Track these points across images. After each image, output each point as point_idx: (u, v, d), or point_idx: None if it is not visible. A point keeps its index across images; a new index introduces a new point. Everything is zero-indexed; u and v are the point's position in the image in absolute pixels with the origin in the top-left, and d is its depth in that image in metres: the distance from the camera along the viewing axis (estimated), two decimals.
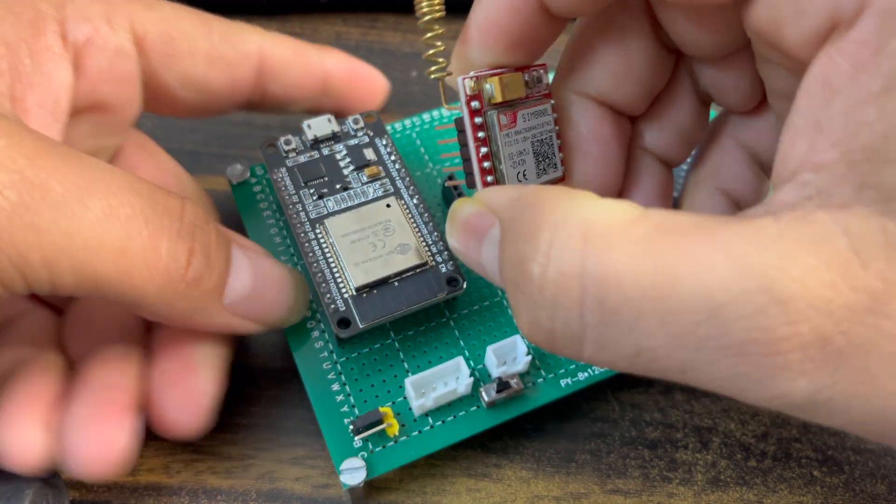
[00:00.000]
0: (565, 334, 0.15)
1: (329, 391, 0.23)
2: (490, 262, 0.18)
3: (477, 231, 0.18)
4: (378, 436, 0.22)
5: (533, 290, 0.15)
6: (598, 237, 0.14)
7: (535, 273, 0.15)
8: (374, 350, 0.24)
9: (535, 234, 0.15)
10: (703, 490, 0.24)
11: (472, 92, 0.19)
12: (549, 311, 0.15)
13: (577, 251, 0.14)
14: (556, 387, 0.23)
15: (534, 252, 0.15)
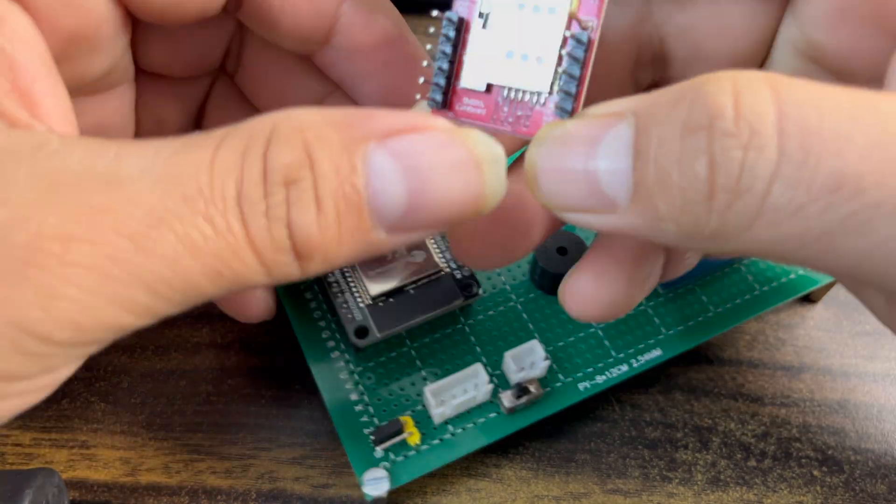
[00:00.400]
0: (757, 166, 0.13)
1: (347, 401, 0.23)
2: (613, 159, 0.14)
3: (590, 137, 0.15)
4: (399, 445, 0.22)
5: (725, 119, 0.13)
6: (786, 83, 0.13)
7: (726, 102, 0.13)
8: (391, 358, 0.24)
9: (712, 80, 0.13)
10: (703, 490, 0.24)
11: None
12: (744, 138, 0.12)
13: (765, 86, 0.13)
14: (575, 390, 0.24)
15: (717, 89, 0.13)
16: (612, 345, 0.24)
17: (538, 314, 0.25)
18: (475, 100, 0.17)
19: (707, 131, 0.13)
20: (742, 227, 0.13)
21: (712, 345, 0.27)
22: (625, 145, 0.14)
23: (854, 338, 0.27)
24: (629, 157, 0.14)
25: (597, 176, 0.14)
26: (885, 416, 0.25)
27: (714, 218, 0.13)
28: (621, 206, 0.14)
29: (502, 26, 0.17)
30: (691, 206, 0.13)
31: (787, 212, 0.12)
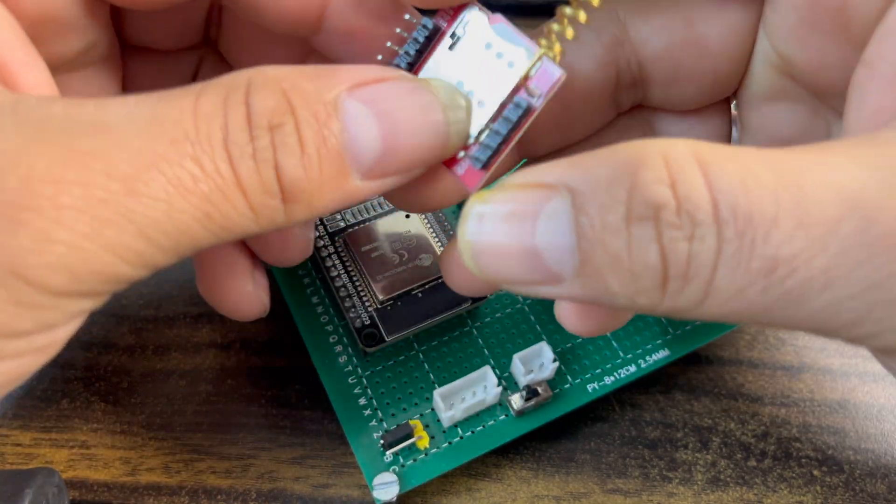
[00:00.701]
0: (700, 256, 0.13)
1: (356, 405, 0.23)
2: (554, 236, 0.15)
3: (526, 213, 0.15)
4: (408, 449, 0.22)
5: (669, 213, 0.13)
6: (712, 158, 0.13)
7: (663, 195, 0.13)
8: (399, 362, 0.24)
9: (644, 164, 0.14)
10: (703, 490, 0.24)
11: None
12: (687, 230, 0.13)
13: (697, 169, 0.13)
14: (584, 392, 0.24)
15: (654, 178, 0.13)
16: (619, 346, 0.24)
17: (546, 316, 0.25)
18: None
19: (654, 222, 0.13)
20: (692, 306, 0.14)
21: (712, 345, 0.27)
22: (565, 223, 0.14)
23: None
24: (571, 234, 0.14)
25: (538, 252, 0.15)
26: (885, 416, 0.25)
27: (667, 300, 0.14)
28: (567, 278, 0.15)
29: (465, 56, 0.17)
30: (645, 289, 0.14)
31: (730, 293, 0.13)
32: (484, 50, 0.17)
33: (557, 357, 0.24)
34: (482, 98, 0.17)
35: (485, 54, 0.17)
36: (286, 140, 0.14)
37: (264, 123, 0.14)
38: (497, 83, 0.17)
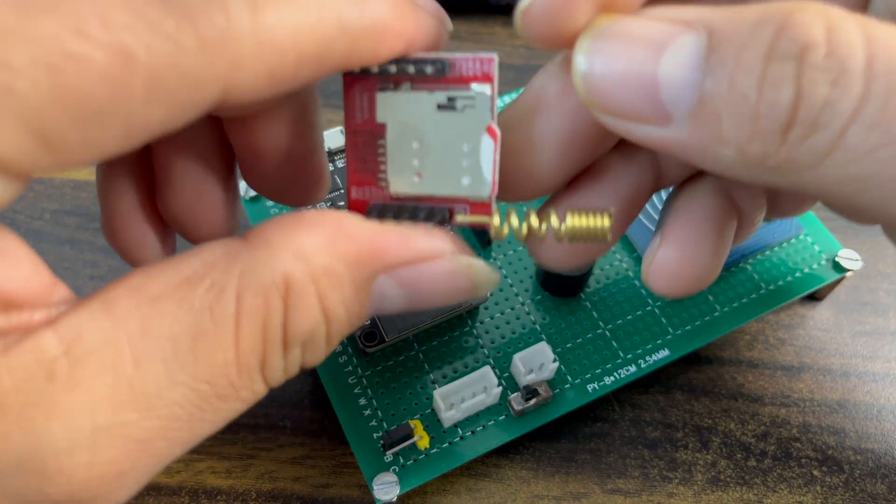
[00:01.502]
0: (840, 103, 0.12)
1: (356, 406, 0.23)
2: (678, 69, 0.13)
3: (654, 41, 0.14)
4: (409, 449, 0.22)
5: (817, 54, 0.12)
6: (876, 26, 0.13)
7: (817, 36, 0.12)
8: (399, 362, 0.24)
9: (801, 10, 0.13)
10: (703, 490, 0.24)
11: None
12: (833, 74, 0.12)
13: (859, 29, 0.12)
14: (584, 392, 0.24)
15: (809, 20, 0.12)
16: (619, 346, 0.24)
17: (546, 316, 0.25)
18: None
19: (797, 61, 0.12)
20: (811, 162, 0.13)
21: (712, 345, 0.27)
22: (694, 57, 0.13)
23: (854, 338, 0.27)
24: (698, 69, 0.13)
25: (657, 82, 0.13)
26: (885, 416, 0.25)
27: (785, 149, 0.13)
28: (677, 119, 0.14)
29: (443, 123, 0.16)
30: (764, 132, 0.13)
31: (860, 152, 0.12)
32: (460, 134, 0.16)
33: (557, 357, 0.24)
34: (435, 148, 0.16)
35: (458, 139, 0.16)
36: (315, 345, 0.15)
37: (299, 341, 0.14)
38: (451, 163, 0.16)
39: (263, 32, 0.12)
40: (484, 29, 0.36)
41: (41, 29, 0.10)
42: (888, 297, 0.28)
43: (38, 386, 0.12)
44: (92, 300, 0.13)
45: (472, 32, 0.36)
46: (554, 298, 0.25)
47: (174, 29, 0.11)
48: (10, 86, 0.10)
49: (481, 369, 0.22)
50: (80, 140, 0.11)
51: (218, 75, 0.12)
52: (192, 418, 0.13)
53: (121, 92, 0.11)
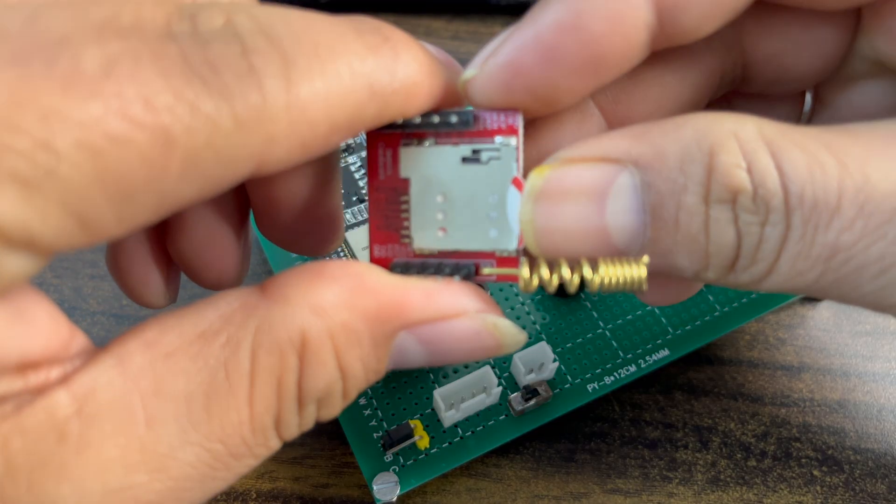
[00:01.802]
0: (770, 239, 0.14)
1: (356, 405, 0.23)
2: (622, 215, 0.14)
3: (594, 190, 0.14)
4: (409, 449, 0.22)
5: (747, 198, 0.14)
6: (781, 143, 0.14)
7: (742, 180, 0.13)
8: None
9: (721, 147, 0.14)
10: (703, 490, 0.24)
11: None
12: (761, 216, 0.14)
13: (769, 155, 0.14)
14: (584, 392, 0.24)
15: (733, 161, 0.14)
16: (619, 346, 0.24)
17: (546, 316, 0.25)
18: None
19: (732, 206, 0.14)
20: (754, 282, 0.15)
21: (712, 345, 0.27)
22: (635, 200, 0.14)
23: (854, 338, 0.27)
24: (642, 212, 0.14)
25: (607, 231, 0.14)
26: (885, 416, 0.25)
27: (732, 276, 0.15)
28: (633, 254, 0.15)
29: (468, 176, 0.16)
30: (715, 266, 0.15)
31: (790, 275, 0.14)
32: (485, 187, 0.15)
33: (557, 357, 0.24)
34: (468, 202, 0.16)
35: (483, 191, 0.15)
36: (331, 401, 0.15)
37: (314, 399, 0.14)
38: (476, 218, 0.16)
39: (297, 108, 0.12)
40: (484, 29, 0.36)
41: (87, 111, 0.10)
42: None
43: (48, 448, 0.12)
44: (107, 354, 0.13)
45: (471, 32, 0.36)
46: (554, 298, 0.25)
47: (212, 109, 0.11)
48: (54, 169, 0.10)
49: (481, 369, 0.22)
50: (114, 218, 0.11)
51: (252, 153, 0.12)
52: (204, 478, 0.13)
53: (158, 172, 0.11)
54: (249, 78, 0.11)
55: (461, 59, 0.16)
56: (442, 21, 0.37)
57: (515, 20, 0.16)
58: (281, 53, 0.12)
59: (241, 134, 0.12)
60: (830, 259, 0.14)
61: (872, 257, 0.13)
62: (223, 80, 0.11)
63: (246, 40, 0.12)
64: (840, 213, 0.13)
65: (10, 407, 0.12)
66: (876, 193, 0.13)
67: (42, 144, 0.10)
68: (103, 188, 0.11)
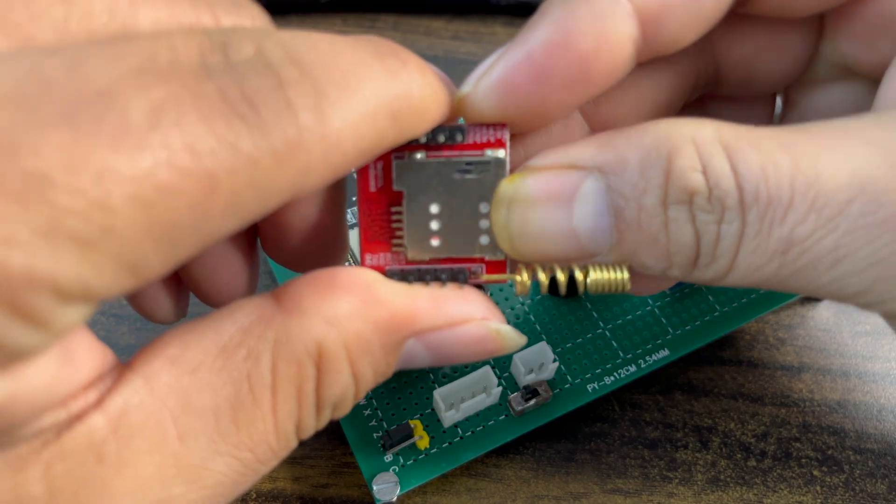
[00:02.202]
0: (728, 236, 0.15)
1: (356, 405, 0.23)
2: (591, 218, 0.15)
3: (561, 195, 0.15)
4: (409, 449, 0.22)
5: (702, 198, 0.14)
6: (736, 145, 0.14)
7: (698, 182, 0.14)
8: None
9: (678, 151, 0.14)
10: (703, 490, 0.24)
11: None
12: (717, 215, 0.14)
13: (724, 156, 0.14)
14: (584, 392, 0.24)
15: (689, 164, 0.14)
16: (619, 346, 0.24)
17: (546, 316, 0.25)
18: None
19: (689, 206, 0.14)
20: (716, 278, 0.15)
21: (712, 345, 0.27)
22: (601, 205, 0.15)
23: (854, 338, 0.27)
24: (608, 215, 0.15)
25: (576, 234, 0.15)
26: (885, 416, 0.25)
27: (695, 273, 0.16)
28: (602, 253, 0.16)
29: (460, 189, 0.16)
30: (678, 264, 0.15)
31: (749, 270, 0.15)
32: (476, 197, 0.16)
33: (557, 357, 0.24)
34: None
35: (474, 201, 0.16)
36: (343, 403, 0.16)
37: (331, 404, 0.15)
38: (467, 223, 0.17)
39: (331, 138, 0.12)
40: (484, 29, 0.36)
41: (138, 165, 0.10)
42: None
43: (89, 469, 0.12)
44: (134, 374, 0.13)
45: (471, 32, 0.36)
46: (554, 298, 0.25)
47: (253, 149, 0.11)
48: (111, 227, 0.10)
49: (481, 369, 0.22)
50: (160, 262, 0.11)
51: (289, 185, 0.12)
52: (235, 483, 0.14)
53: (204, 215, 0.11)
54: (286, 112, 0.12)
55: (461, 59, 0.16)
56: (442, 21, 0.37)
57: (515, 20, 0.16)
58: (313, 84, 0.12)
59: (279, 168, 0.12)
60: (786, 252, 0.14)
61: (825, 249, 0.14)
62: (261, 117, 0.11)
63: (280, 72, 0.12)
64: (793, 208, 0.14)
65: (51, 434, 0.12)
66: (826, 187, 0.14)
67: (98, 204, 0.10)
68: (153, 238, 0.11)
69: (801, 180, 0.14)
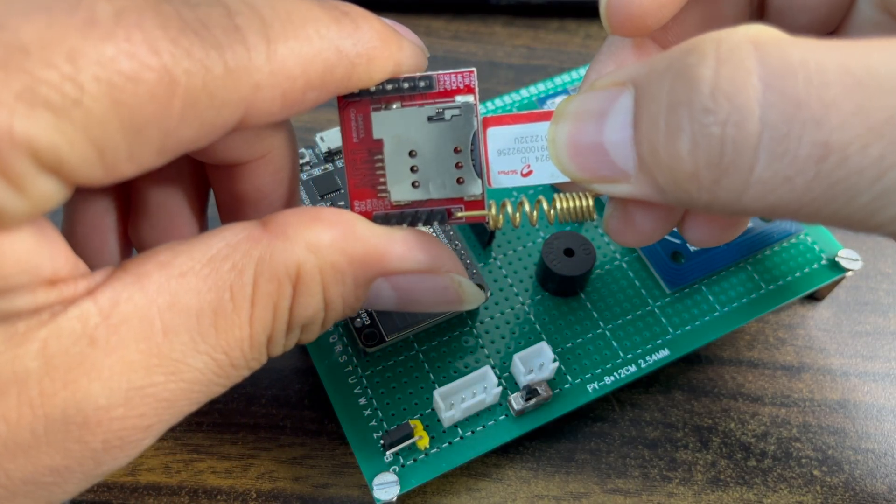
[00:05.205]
0: (737, 141, 0.13)
1: (356, 405, 0.23)
2: (617, 131, 0.15)
3: (598, 111, 0.15)
4: (409, 449, 0.22)
5: (702, 95, 0.13)
6: (771, 41, 0.13)
7: (705, 75, 0.13)
8: (399, 362, 0.24)
9: (696, 49, 0.13)
10: (703, 490, 0.24)
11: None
12: (721, 115, 0.13)
13: (749, 51, 0.13)
14: (584, 392, 0.24)
15: (699, 60, 0.13)
16: (619, 345, 0.24)
17: (546, 316, 0.25)
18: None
19: (687, 107, 0.13)
20: (732, 199, 0.13)
21: (712, 345, 0.27)
22: (626, 117, 0.15)
23: (854, 338, 0.27)
24: (630, 129, 0.15)
25: (605, 148, 0.15)
26: (885, 416, 0.25)
27: (704, 193, 0.14)
28: (631, 176, 0.15)
29: (433, 131, 0.17)
30: (681, 182, 0.14)
31: (774, 184, 0.13)
32: (450, 141, 0.17)
33: (557, 357, 0.24)
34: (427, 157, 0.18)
35: (449, 145, 0.17)
36: (312, 327, 0.17)
37: (300, 324, 0.16)
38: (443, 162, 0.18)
39: (277, 62, 0.14)
40: (484, 29, 0.36)
41: (103, 51, 0.12)
42: (888, 297, 0.28)
43: (81, 350, 0.13)
44: (125, 273, 0.14)
45: (471, 32, 0.36)
46: (554, 298, 0.25)
47: (205, 57, 0.13)
48: (79, 99, 0.12)
49: (481, 369, 0.22)
50: (126, 152, 0.13)
51: (241, 98, 0.14)
52: (209, 382, 0.15)
53: (163, 110, 0.13)
54: (235, 34, 0.13)
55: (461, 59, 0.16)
56: (442, 21, 0.37)
57: (515, 20, 0.17)
58: (260, 17, 0.14)
59: (231, 79, 0.13)
60: (823, 160, 0.12)
61: (870, 159, 0.12)
62: (213, 35, 0.13)
63: (229, 5, 0.14)
64: (835, 108, 0.12)
65: (46, 315, 0.13)
66: (877, 89, 0.12)
67: (69, 78, 0.11)
68: (118, 119, 0.12)
69: (849, 80, 0.12)
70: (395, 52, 0.16)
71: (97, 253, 0.20)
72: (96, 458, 0.14)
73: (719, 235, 0.19)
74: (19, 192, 0.12)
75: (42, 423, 0.13)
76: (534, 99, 0.30)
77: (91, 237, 0.20)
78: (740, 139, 0.13)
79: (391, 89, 0.17)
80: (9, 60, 0.11)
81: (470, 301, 0.19)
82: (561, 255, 0.25)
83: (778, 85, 0.12)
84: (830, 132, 0.12)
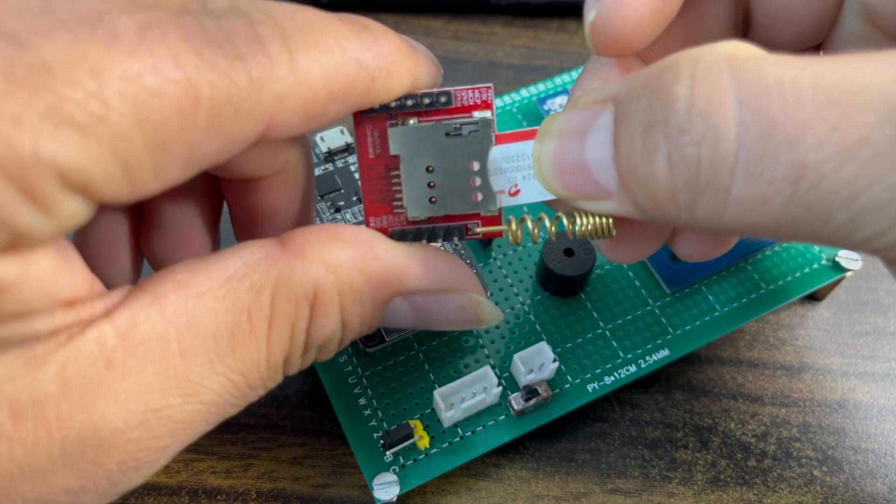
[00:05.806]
0: (713, 162, 0.12)
1: (356, 406, 0.23)
2: (598, 149, 0.15)
3: (580, 129, 0.15)
4: (409, 449, 0.22)
5: (677, 114, 0.13)
6: (747, 59, 0.12)
7: (680, 94, 0.13)
8: (399, 362, 0.24)
9: (673, 68, 0.13)
10: (703, 490, 0.24)
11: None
12: (697, 135, 0.12)
13: (725, 70, 0.12)
14: (584, 392, 0.24)
15: (675, 78, 0.13)
16: (619, 346, 0.24)
17: (546, 316, 0.25)
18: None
19: (663, 126, 0.13)
20: (712, 220, 0.13)
21: (712, 345, 0.27)
22: (607, 136, 0.14)
23: (854, 338, 0.27)
24: (611, 147, 0.14)
25: (587, 166, 0.15)
26: (885, 416, 0.25)
27: (682, 213, 0.13)
28: (613, 194, 0.15)
29: (450, 149, 0.17)
30: (659, 202, 0.14)
31: (752, 204, 0.13)
32: (468, 157, 0.17)
33: (557, 357, 0.24)
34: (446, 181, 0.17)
35: (466, 161, 0.17)
36: (329, 347, 0.17)
37: (318, 345, 0.16)
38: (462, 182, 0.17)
39: (300, 72, 0.14)
40: (484, 29, 0.36)
41: (127, 67, 0.12)
42: (888, 297, 0.28)
43: (99, 373, 0.13)
44: (142, 293, 0.14)
45: (472, 32, 0.36)
46: (554, 298, 0.25)
47: (229, 68, 0.13)
48: (104, 117, 0.11)
49: (481, 369, 0.22)
50: (152, 168, 0.13)
51: (264, 110, 0.13)
52: (225, 403, 0.15)
53: (188, 124, 0.12)
54: (257, 44, 0.13)
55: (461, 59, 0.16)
56: (442, 21, 0.37)
57: (515, 20, 0.17)
58: (281, 28, 0.14)
59: (255, 91, 0.13)
60: (798, 181, 0.12)
61: (844, 179, 0.12)
62: (236, 46, 0.13)
63: (251, 15, 0.14)
64: (810, 128, 0.12)
65: (64, 337, 0.13)
66: (853, 108, 0.12)
67: (94, 95, 0.11)
68: (144, 135, 0.12)
69: (823, 98, 0.12)
70: (412, 67, 0.16)
71: (109, 266, 0.20)
72: (111, 479, 0.14)
73: (710, 250, 0.19)
74: (46, 214, 0.12)
75: (58, 446, 0.13)
76: (534, 99, 0.30)
77: (103, 250, 0.19)
78: (716, 159, 0.12)
79: (411, 105, 0.17)
80: (32, 80, 0.11)
81: (488, 320, 0.19)
82: (561, 255, 0.25)
83: (753, 104, 0.12)
84: (806, 152, 0.12)
